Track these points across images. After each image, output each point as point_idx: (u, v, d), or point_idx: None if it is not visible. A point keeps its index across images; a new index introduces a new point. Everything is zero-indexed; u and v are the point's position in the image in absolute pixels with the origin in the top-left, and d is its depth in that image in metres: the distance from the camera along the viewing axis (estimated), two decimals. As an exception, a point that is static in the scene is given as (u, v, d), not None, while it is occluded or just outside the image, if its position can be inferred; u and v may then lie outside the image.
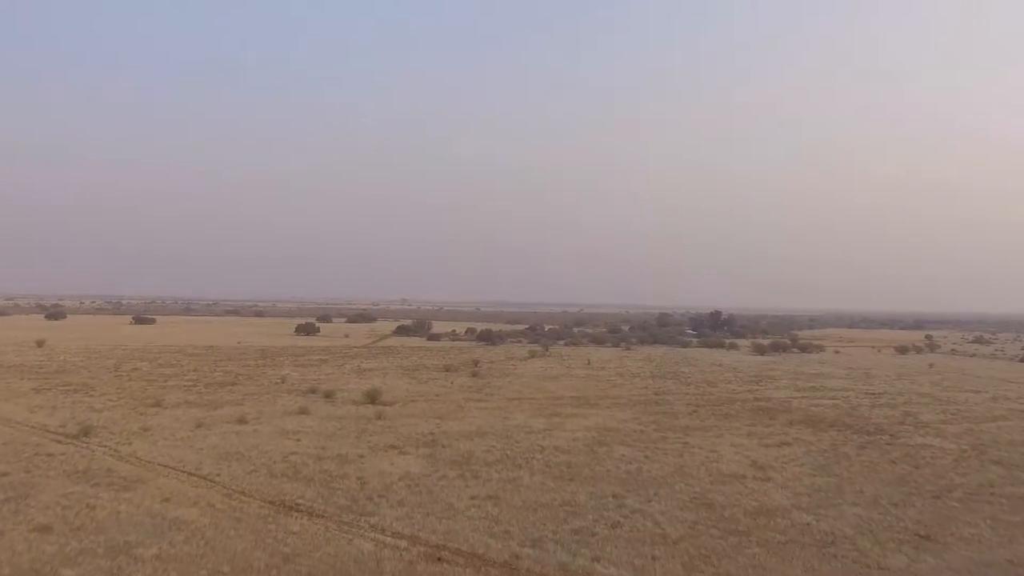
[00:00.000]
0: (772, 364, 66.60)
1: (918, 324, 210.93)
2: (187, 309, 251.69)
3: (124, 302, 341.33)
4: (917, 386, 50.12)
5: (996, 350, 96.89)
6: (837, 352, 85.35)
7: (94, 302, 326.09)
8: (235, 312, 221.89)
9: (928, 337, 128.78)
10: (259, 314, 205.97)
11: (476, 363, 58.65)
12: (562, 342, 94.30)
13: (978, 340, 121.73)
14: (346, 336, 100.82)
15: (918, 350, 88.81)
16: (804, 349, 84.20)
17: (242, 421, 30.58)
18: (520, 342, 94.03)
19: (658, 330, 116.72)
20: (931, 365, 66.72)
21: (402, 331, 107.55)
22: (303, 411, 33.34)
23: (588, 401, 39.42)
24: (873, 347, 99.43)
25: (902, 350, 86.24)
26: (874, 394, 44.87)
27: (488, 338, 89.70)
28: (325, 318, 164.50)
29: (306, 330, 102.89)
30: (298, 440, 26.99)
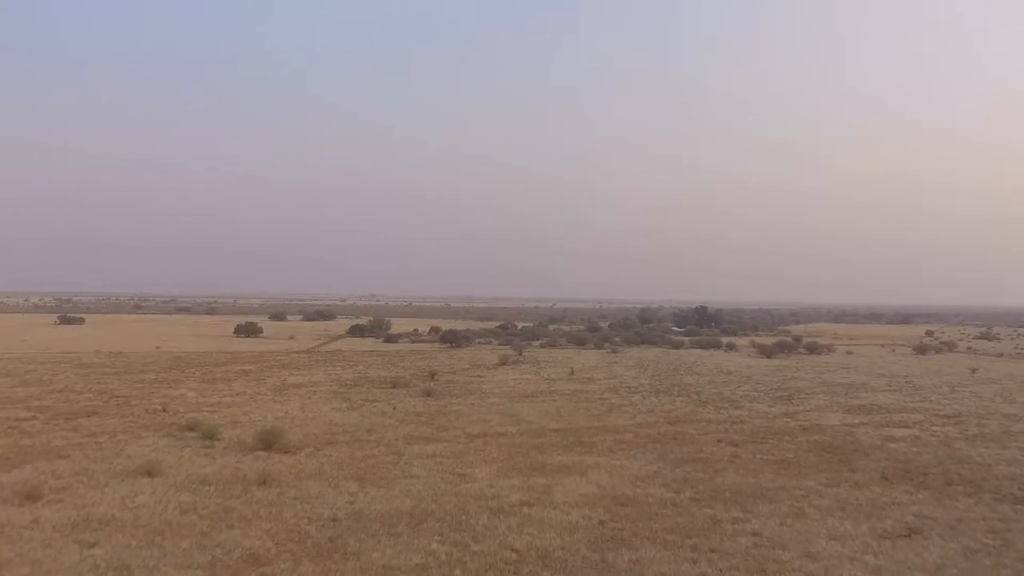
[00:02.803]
0: (788, 370, 56.14)
1: (904, 318, 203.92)
2: (137, 307, 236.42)
3: (73, 299, 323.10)
4: (987, 402, 39.84)
5: (1017, 348, 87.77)
6: (850, 353, 75.30)
7: (41, 299, 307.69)
8: (187, 310, 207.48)
9: (929, 333, 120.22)
10: (211, 312, 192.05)
11: (433, 375, 47.23)
12: (537, 343, 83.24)
13: (985, 336, 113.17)
14: (291, 337, 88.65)
15: (937, 350, 79.21)
16: (812, 350, 74.05)
17: (31, 497, 18.81)
18: (489, 343, 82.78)
19: (642, 328, 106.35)
20: (974, 371, 56.71)
21: (356, 331, 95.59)
22: (149, 470, 21.65)
23: (580, 437, 28.24)
24: (883, 345, 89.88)
25: (921, 350, 76.50)
26: (949, 416, 34.35)
27: (452, 339, 78.21)
28: (279, 316, 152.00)
29: (246, 331, 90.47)
30: (90, 547, 15.36)
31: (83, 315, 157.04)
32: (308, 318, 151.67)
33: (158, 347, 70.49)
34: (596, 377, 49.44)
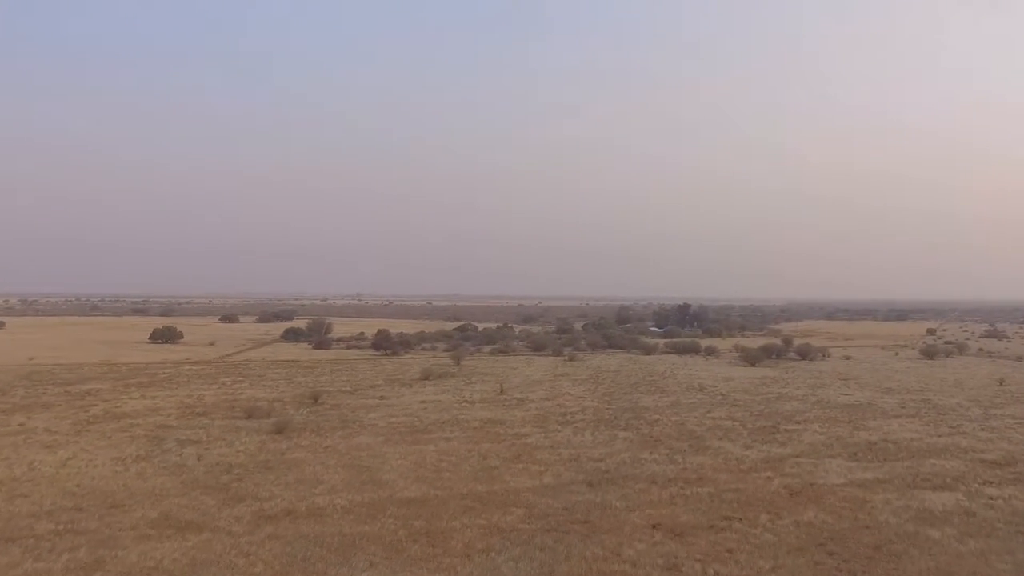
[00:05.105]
0: (774, 384, 45.77)
1: (900, 315, 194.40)
2: (94, 308, 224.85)
3: (40, 300, 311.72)
4: (1040, 434, 29.49)
5: (1034, 349, 77.73)
6: (847, 357, 65.02)
7: (6, 300, 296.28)
8: (142, 311, 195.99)
9: (931, 331, 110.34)
10: (166, 313, 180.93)
11: (317, 398, 36.69)
12: (489, 348, 72.72)
13: (992, 335, 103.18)
14: (211, 344, 77.81)
15: (947, 353, 68.96)
16: (804, 355, 63.69)
17: None
18: (434, 349, 72.21)
19: (615, 329, 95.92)
20: (1001, 382, 46.50)
21: (291, 335, 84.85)
22: None
23: (435, 521, 17.66)
24: (883, 347, 79.73)
25: (929, 354, 66.24)
26: (1000, 464, 23.98)
27: (386, 346, 67.43)
28: (230, 317, 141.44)
29: (163, 337, 79.64)
30: None
31: (20, 317, 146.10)
32: (262, 319, 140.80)
33: (31, 358, 59.65)
34: (530, 398, 38.91)
